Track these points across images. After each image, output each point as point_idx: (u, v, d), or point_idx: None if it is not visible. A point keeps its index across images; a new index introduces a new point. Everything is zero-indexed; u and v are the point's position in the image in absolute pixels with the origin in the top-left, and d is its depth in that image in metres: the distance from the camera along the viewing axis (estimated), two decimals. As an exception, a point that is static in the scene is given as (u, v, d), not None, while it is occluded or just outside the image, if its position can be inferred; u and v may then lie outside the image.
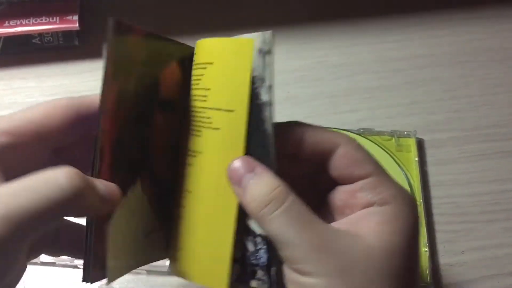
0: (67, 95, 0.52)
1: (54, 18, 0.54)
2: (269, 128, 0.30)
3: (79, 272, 0.44)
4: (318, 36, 0.58)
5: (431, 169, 0.47)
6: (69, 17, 0.54)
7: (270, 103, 0.30)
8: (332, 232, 0.28)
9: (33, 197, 0.25)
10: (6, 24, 0.53)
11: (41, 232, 0.26)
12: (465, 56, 0.56)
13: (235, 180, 0.29)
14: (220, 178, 0.31)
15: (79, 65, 0.55)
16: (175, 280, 0.44)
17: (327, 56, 0.56)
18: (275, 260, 0.30)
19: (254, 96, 0.30)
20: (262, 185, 0.28)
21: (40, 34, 0.54)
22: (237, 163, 0.29)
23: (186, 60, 0.34)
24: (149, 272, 0.44)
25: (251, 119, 0.30)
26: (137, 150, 0.32)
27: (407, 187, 0.45)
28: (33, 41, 0.54)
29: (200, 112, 0.32)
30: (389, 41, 0.57)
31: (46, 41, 0.54)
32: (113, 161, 0.30)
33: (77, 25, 0.53)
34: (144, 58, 0.32)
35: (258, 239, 0.31)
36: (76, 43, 0.55)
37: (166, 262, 0.43)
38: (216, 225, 0.31)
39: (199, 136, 0.32)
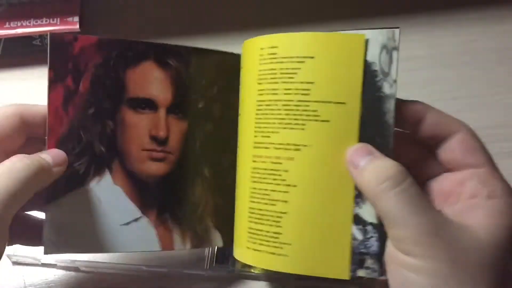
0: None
1: (55, 19, 0.54)
2: (391, 119, 0.32)
3: (80, 274, 0.44)
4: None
5: (431, 170, 0.47)
6: (70, 19, 0.54)
7: (393, 96, 0.32)
8: (444, 219, 0.29)
9: (6, 181, 0.31)
10: (7, 25, 0.53)
11: (20, 205, 0.32)
12: (466, 56, 0.56)
13: (353, 162, 0.31)
14: (335, 169, 0.32)
15: (79, 66, 0.55)
16: (174, 281, 0.44)
17: (328, 56, 0.56)
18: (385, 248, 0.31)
19: (374, 88, 0.32)
20: (380, 164, 0.30)
21: (41, 36, 0.54)
22: (356, 148, 0.31)
23: (171, 58, 0.37)
24: (148, 274, 0.44)
25: (370, 110, 0.32)
26: (100, 143, 0.36)
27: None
28: (34, 42, 0.54)
29: (299, 105, 0.33)
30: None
31: (46, 42, 0.54)
32: None
33: (78, 26, 0.53)
34: (100, 61, 0.36)
35: (369, 228, 0.31)
36: (77, 44, 0.55)
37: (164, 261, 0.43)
38: (333, 216, 0.32)
39: (302, 129, 0.33)
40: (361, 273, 0.31)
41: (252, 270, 0.43)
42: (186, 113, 0.38)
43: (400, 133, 0.34)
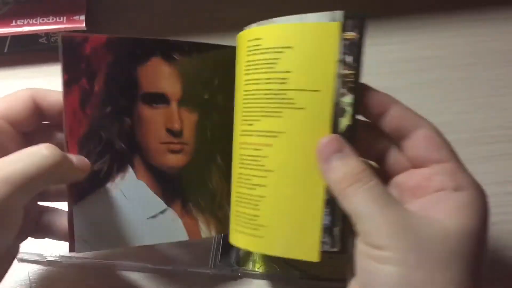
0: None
1: (61, 17, 0.54)
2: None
3: (85, 271, 0.44)
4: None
5: (436, 171, 0.47)
6: (76, 17, 0.54)
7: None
8: (410, 213, 0.29)
9: (24, 164, 0.31)
10: (13, 23, 0.53)
11: (32, 194, 0.33)
12: (470, 57, 0.56)
13: (324, 158, 0.32)
14: (308, 155, 0.33)
15: (85, 64, 0.55)
16: (179, 279, 0.44)
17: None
18: (337, 221, 0.32)
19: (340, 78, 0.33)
20: (350, 165, 0.31)
21: (47, 34, 0.54)
22: (327, 141, 0.32)
23: (175, 53, 0.38)
24: (153, 271, 0.44)
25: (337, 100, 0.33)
26: (120, 140, 0.37)
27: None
28: (40, 40, 0.55)
29: (278, 94, 0.34)
30: (393, 42, 0.57)
31: (52, 40, 0.55)
32: (82, 153, 0.36)
33: (84, 24, 0.53)
34: (111, 60, 0.37)
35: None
36: (83, 42, 0.55)
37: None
38: (306, 200, 0.33)
39: (279, 117, 0.34)
40: None
41: (257, 269, 0.44)
42: (195, 105, 0.40)
43: (369, 127, 0.34)
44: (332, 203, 0.32)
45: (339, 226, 0.32)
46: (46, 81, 0.53)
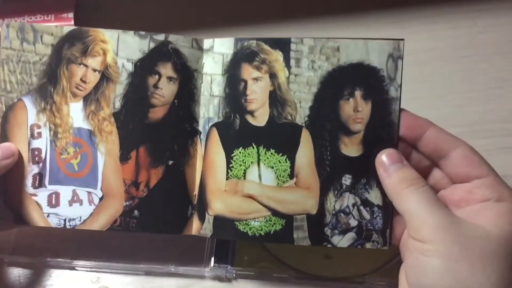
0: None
1: (50, 15, 0.53)
2: (395, 119, 0.38)
3: (76, 274, 0.44)
4: (318, 31, 0.57)
5: (434, 166, 0.47)
6: (65, 15, 0.53)
7: (398, 99, 0.38)
8: (455, 216, 0.33)
9: None
10: (0, 22, 0.52)
11: None
12: (468, 49, 0.55)
13: (385, 167, 0.36)
14: None
15: (75, 63, 0.54)
16: (173, 281, 0.43)
17: (327, 51, 0.55)
18: (389, 225, 0.38)
19: (382, 92, 0.38)
20: (407, 172, 0.36)
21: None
22: (389, 152, 0.37)
23: None
24: (147, 273, 0.44)
25: (377, 111, 0.38)
26: None
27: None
28: (29, 39, 0.54)
29: None
30: (390, 35, 0.56)
31: (41, 39, 0.54)
32: None
33: (73, 22, 0.53)
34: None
35: (375, 209, 0.38)
36: (72, 41, 0.54)
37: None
38: None
39: None
40: (368, 245, 0.38)
41: (251, 270, 0.43)
42: None
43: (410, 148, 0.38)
44: (384, 209, 0.38)
45: (389, 229, 0.38)
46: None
